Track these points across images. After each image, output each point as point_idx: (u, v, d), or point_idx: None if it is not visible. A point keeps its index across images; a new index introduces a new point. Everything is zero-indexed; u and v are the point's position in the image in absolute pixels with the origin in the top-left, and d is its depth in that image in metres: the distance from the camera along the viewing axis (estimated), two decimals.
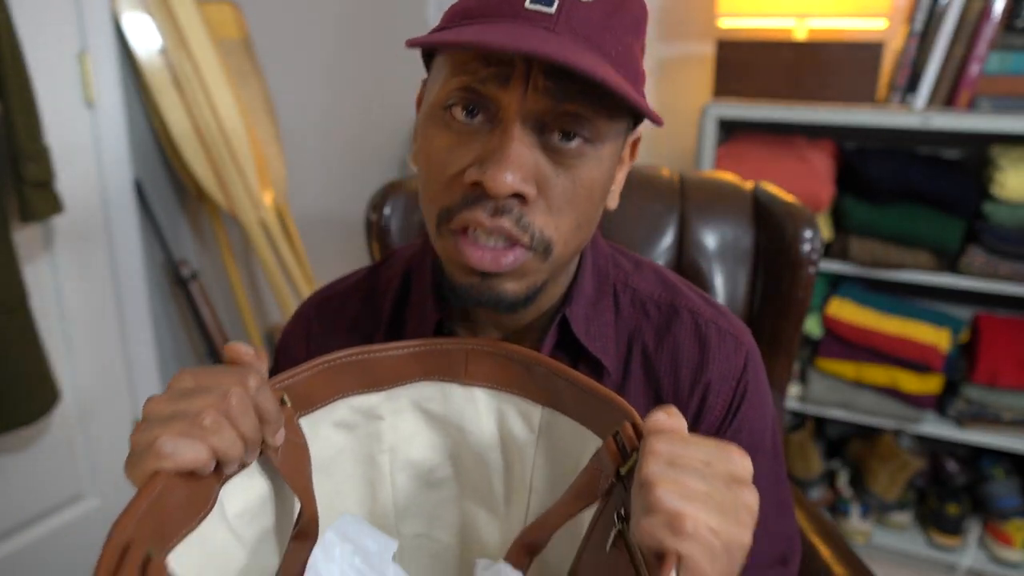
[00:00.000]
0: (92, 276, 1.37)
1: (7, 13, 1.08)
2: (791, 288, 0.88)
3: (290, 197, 1.72)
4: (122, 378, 1.46)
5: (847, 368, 1.66)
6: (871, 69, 1.53)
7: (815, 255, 0.87)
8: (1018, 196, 1.43)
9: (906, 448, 1.65)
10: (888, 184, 1.53)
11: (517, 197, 0.46)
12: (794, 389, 1.73)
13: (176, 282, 1.53)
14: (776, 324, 0.90)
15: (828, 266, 1.63)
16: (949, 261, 1.54)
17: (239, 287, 1.63)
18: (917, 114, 1.45)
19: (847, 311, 1.65)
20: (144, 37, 1.36)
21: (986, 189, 1.49)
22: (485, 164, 0.45)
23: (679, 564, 0.33)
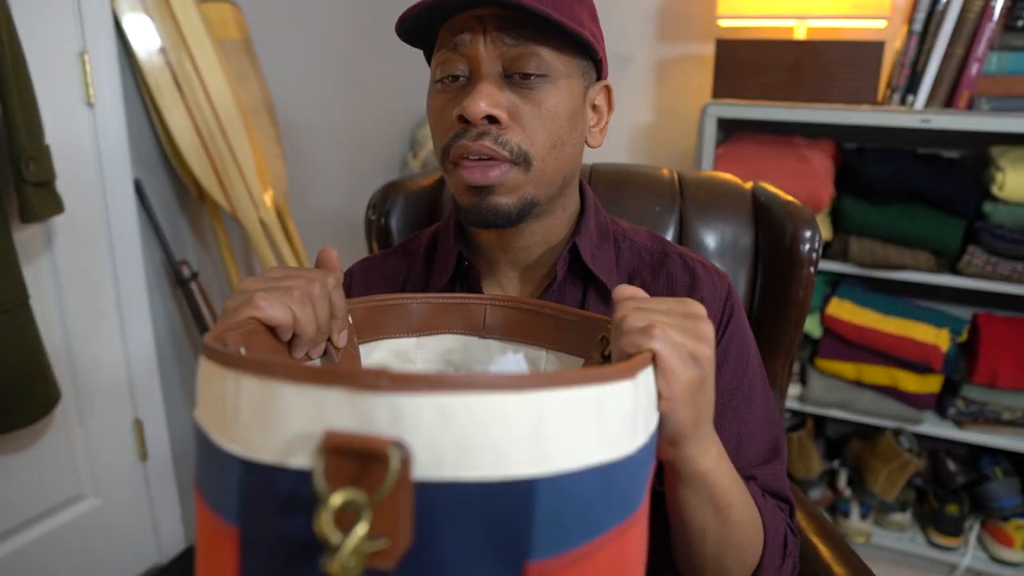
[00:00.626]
0: (92, 276, 1.37)
1: (7, 13, 1.08)
2: (791, 288, 0.88)
3: (290, 197, 1.72)
4: (122, 378, 1.46)
5: (847, 368, 1.66)
6: (871, 69, 1.53)
7: (815, 255, 0.87)
8: (1018, 196, 1.43)
9: (906, 448, 1.65)
10: (888, 184, 1.53)
11: (492, 123, 0.57)
12: (794, 389, 1.73)
13: (176, 282, 1.53)
14: (776, 324, 0.90)
15: (828, 266, 1.63)
16: (949, 261, 1.54)
17: None
18: (917, 114, 1.45)
19: (847, 311, 1.65)
20: (144, 37, 1.35)
21: (986, 189, 1.49)
22: (463, 100, 0.57)
23: (654, 362, 0.40)
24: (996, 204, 1.47)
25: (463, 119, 0.57)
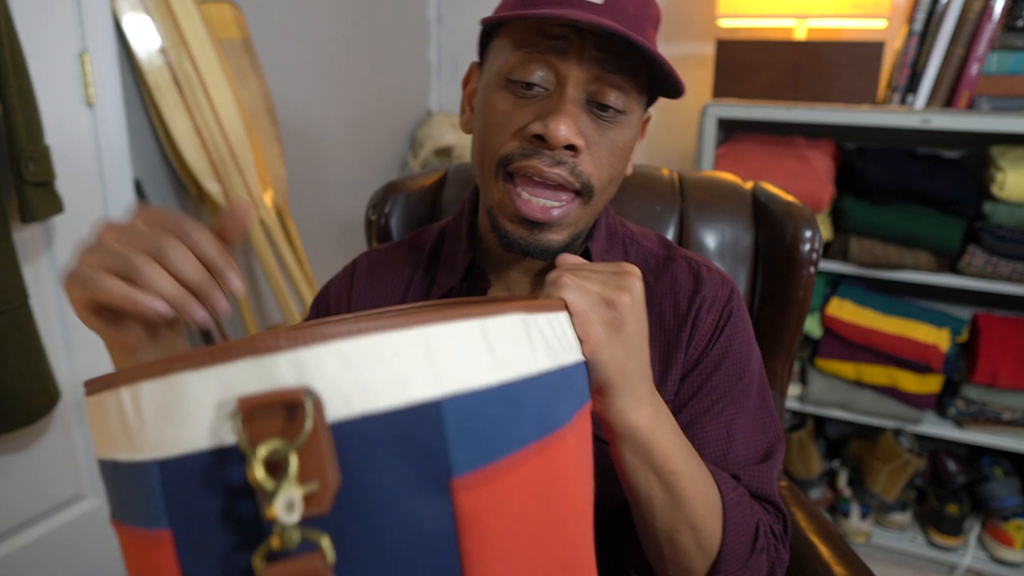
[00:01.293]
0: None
1: (7, 13, 1.08)
2: (791, 288, 0.88)
3: (290, 197, 1.72)
4: None
5: (847, 368, 1.66)
6: (871, 69, 1.53)
7: (815, 255, 0.87)
8: (1018, 196, 1.43)
9: (906, 448, 1.65)
10: (888, 184, 1.53)
11: (570, 149, 0.55)
12: (794, 389, 1.73)
13: None
14: (776, 324, 0.90)
15: (828, 266, 1.63)
16: (949, 261, 1.54)
17: None
18: (917, 114, 1.45)
19: (847, 311, 1.65)
20: (144, 37, 1.35)
21: (986, 189, 1.49)
22: (546, 119, 0.54)
23: (568, 309, 0.43)
24: (996, 204, 1.47)
25: (540, 138, 0.55)
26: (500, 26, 0.60)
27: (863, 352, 1.63)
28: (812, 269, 0.87)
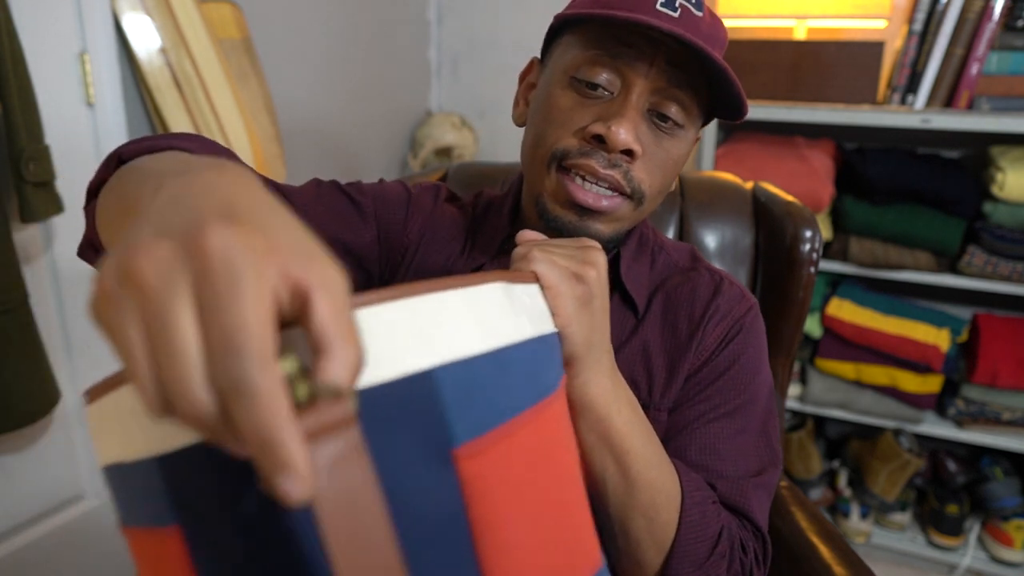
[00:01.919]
0: (92, 276, 1.37)
1: (7, 13, 1.08)
2: (791, 288, 0.88)
3: None
4: None
5: (847, 368, 1.66)
6: (871, 69, 1.53)
7: (815, 255, 0.87)
8: (1018, 196, 1.43)
9: (906, 448, 1.65)
10: (888, 184, 1.53)
11: (627, 154, 0.56)
12: (794, 389, 1.73)
13: None
14: (776, 324, 0.90)
15: (828, 266, 1.63)
16: (949, 261, 1.54)
17: None
18: (917, 114, 1.45)
19: (847, 311, 1.64)
20: (144, 37, 1.35)
21: (986, 189, 1.49)
22: (608, 121, 0.55)
23: (539, 282, 0.44)
24: (996, 204, 1.47)
25: (600, 139, 0.56)
26: (570, 24, 0.59)
27: (863, 352, 1.63)
28: (812, 269, 0.87)
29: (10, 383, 1.14)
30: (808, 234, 0.87)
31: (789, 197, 0.92)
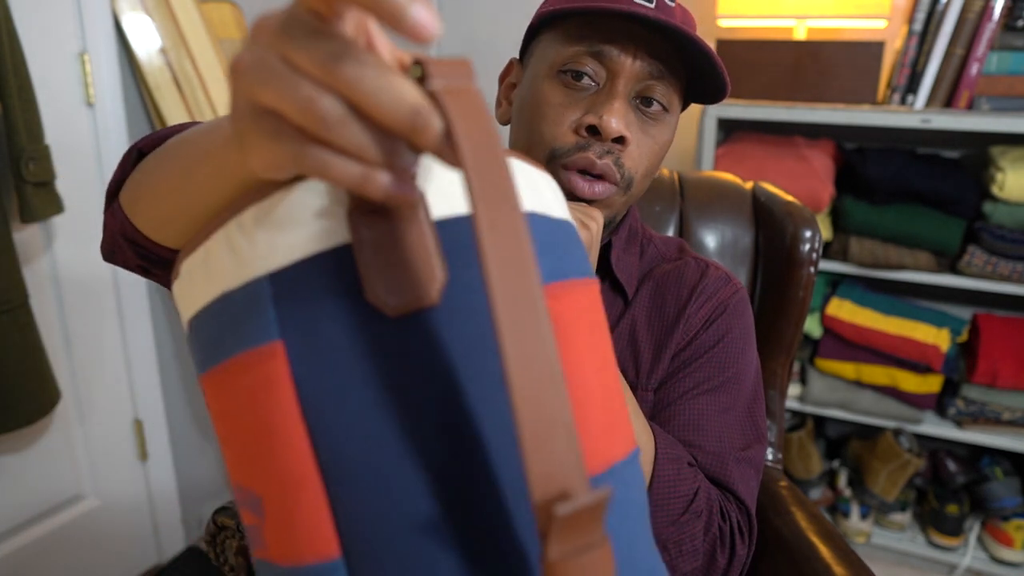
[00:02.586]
0: (92, 276, 1.37)
1: (7, 13, 1.08)
2: (791, 288, 0.88)
3: None
4: (122, 378, 1.46)
5: (847, 368, 1.66)
6: (871, 69, 1.53)
7: (815, 255, 0.87)
8: (1018, 196, 1.43)
9: (906, 448, 1.65)
10: (888, 184, 1.53)
11: (618, 142, 0.58)
12: (794, 389, 1.73)
13: None
14: (776, 324, 0.90)
15: (828, 266, 1.63)
16: (949, 261, 1.54)
17: None
18: (917, 114, 1.45)
19: (847, 311, 1.65)
20: (144, 37, 1.35)
21: (986, 189, 1.49)
22: (599, 111, 0.57)
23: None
24: (996, 204, 1.47)
25: (593, 130, 0.57)
26: (551, 22, 0.61)
27: (863, 352, 1.63)
28: (812, 269, 0.87)
29: (10, 383, 1.14)
30: (808, 234, 0.87)
31: (789, 197, 0.92)
